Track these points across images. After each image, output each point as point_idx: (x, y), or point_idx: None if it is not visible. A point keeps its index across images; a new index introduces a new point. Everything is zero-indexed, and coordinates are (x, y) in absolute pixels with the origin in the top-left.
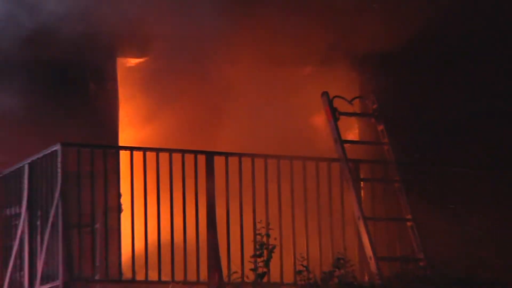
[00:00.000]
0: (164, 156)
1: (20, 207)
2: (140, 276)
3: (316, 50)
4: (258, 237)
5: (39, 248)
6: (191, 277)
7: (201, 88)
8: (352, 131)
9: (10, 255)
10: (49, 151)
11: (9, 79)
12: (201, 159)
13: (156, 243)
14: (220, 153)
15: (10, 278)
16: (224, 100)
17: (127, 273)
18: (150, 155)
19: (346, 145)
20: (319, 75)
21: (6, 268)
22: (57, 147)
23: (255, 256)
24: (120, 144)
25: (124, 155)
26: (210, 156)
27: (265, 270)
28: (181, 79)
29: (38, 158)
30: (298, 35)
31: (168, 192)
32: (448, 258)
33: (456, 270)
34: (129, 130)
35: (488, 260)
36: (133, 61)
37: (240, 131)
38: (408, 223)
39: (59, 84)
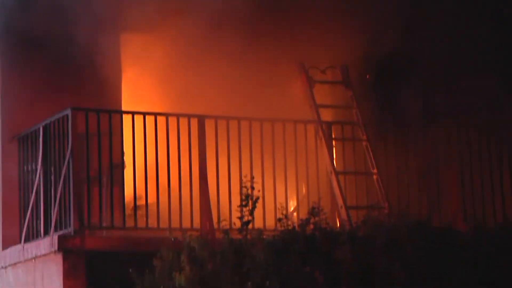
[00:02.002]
0: (161, 119)
1: (36, 164)
2: (141, 224)
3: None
4: (244, 189)
5: (52, 200)
6: (186, 224)
7: (193, 60)
8: (325, 97)
9: (28, 206)
10: (61, 115)
11: (27, 53)
12: (194, 122)
13: (155, 195)
14: (210, 117)
15: (28, 226)
16: (211, 71)
17: (129, 221)
18: (149, 118)
19: (320, 109)
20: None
21: (25, 217)
22: (68, 111)
23: (241, 206)
24: (123, 109)
25: (126, 118)
26: (201, 119)
27: (250, 218)
28: (176, 51)
29: (51, 121)
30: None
31: (165, 151)
32: (409, 206)
33: (415, 216)
34: (132, 97)
35: (443, 208)
36: (134, 36)
37: (229, 97)
38: (374, 176)
39: (70, 56)
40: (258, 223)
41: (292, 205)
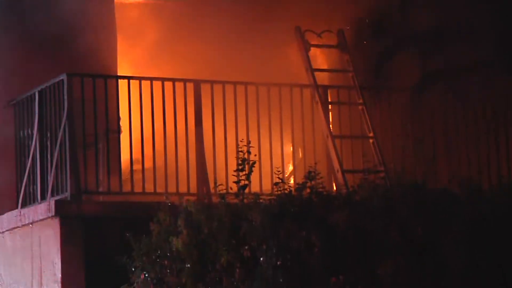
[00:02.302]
0: (157, 84)
1: (32, 129)
2: (138, 189)
3: None
4: (240, 154)
5: (49, 165)
6: (183, 189)
7: (187, 24)
8: (321, 61)
9: (24, 171)
10: (56, 80)
11: (21, 19)
12: (190, 86)
13: (151, 160)
14: (206, 81)
15: (25, 191)
16: (207, 35)
17: (126, 186)
18: (145, 83)
19: (316, 73)
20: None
21: (21, 182)
22: (63, 76)
23: (237, 170)
24: (119, 74)
25: (122, 84)
26: (197, 84)
27: (246, 182)
28: (170, 16)
29: (46, 87)
30: None
31: (162, 116)
32: (405, 170)
33: (411, 180)
34: (128, 62)
35: (438, 173)
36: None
37: (224, 62)
38: (370, 140)
39: (64, 21)
40: (254, 187)
41: (288, 169)
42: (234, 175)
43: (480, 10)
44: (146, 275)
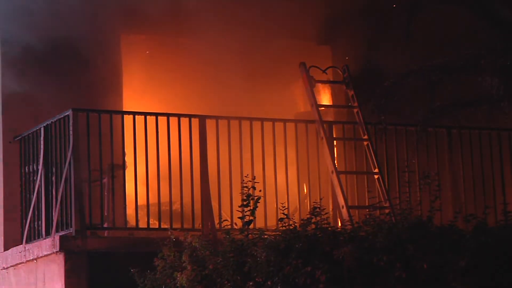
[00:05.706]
0: (162, 120)
1: (37, 164)
2: (142, 224)
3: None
4: (245, 189)
5: (54, 200)
6: (187, 224)
7: (193, 60)
8: (326, 97)
9: (29, 207)
10: (62, 116)
11: (29, 54)
12: (195, 122)
13: (156, 196)
14: (211, 117)
15: (29, 227)
16: (212, 71)
17: (131, 222)
18: (150, 119)
19: (321, 109)
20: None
21: (26, 217)
22: (69, 112)
23: (242, 206)
24: (124, 109)
25: (127, 119)
26: (202, 119)
27: (251, 218)
28: (176, 52)
29: (52, 122)
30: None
31: (167, 151)
32: (410, 206)
33: (417, 216)
34: (133, 97)
35: (444, 208)
36: (135, 37)
37: (228, 97)
38: (375, 176)
39: (72, 58)
40: (259, 223)
41: (293, 205)
42: (239, 211)
43: (488, 42)
44: None
